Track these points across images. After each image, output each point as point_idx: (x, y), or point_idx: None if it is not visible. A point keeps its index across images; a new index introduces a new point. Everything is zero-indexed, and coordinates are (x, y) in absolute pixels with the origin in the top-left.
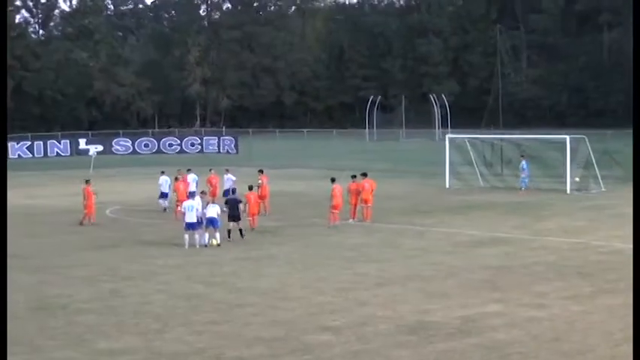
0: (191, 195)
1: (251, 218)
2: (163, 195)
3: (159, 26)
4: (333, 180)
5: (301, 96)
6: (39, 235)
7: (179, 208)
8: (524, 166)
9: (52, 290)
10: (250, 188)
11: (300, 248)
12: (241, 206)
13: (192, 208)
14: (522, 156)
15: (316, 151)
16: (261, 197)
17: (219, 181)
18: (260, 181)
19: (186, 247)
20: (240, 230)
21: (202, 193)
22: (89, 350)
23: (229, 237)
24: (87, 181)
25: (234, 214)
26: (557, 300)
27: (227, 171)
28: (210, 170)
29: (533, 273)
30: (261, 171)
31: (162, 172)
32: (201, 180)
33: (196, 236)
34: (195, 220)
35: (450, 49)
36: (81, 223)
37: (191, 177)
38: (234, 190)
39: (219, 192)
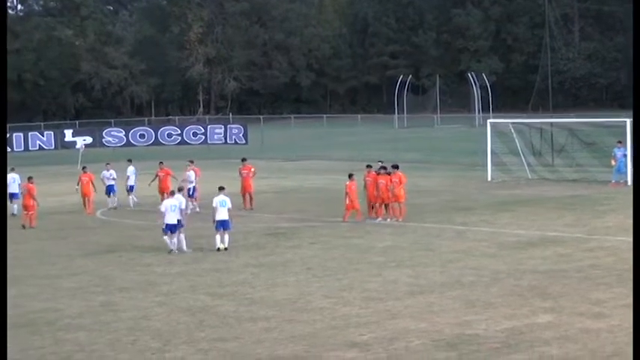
0: (131, 188)
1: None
2: (130, 188)
3: None
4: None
5: (320, 77)
6: (18, 240)
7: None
8: (617, 154)
9: (36, 304)
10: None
11: (320, 252)
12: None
13: (174, 208)
14: (619, 142)
15: (338, 139)
16: (244, 190)
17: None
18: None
19: (171, 248)
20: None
21: (180, 189)
22: None
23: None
24: (29, 178)
25: None
26: (617, 309)
27: (191, 163)
28: (192, 162)
29: (590, 277)
30: (244, 159)
31: (130, 161)
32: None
33: (174, 240)
34: (175, 222)
35: (491, 21)
36: (23, 226)
37: (130, 169)
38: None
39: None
